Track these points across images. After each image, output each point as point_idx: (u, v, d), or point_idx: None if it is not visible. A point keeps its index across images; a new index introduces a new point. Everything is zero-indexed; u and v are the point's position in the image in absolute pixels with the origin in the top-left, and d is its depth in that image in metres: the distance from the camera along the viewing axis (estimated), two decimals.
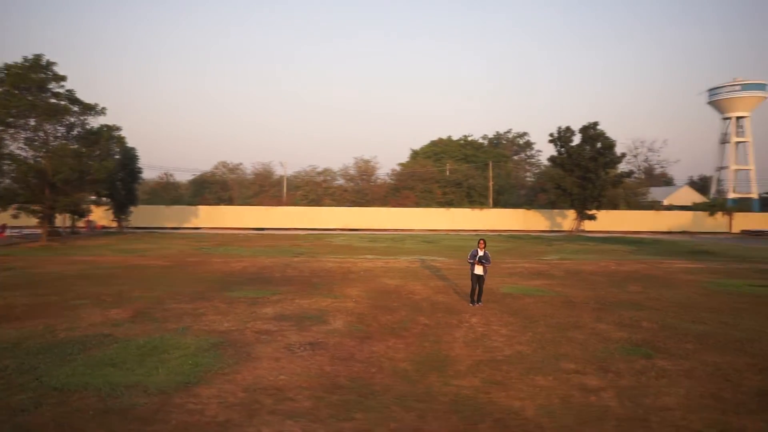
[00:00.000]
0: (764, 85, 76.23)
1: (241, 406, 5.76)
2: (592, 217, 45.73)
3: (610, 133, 44.50)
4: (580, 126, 44.75)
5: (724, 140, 79.30)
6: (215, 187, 61.18)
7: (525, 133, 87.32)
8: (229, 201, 58.92)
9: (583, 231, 47.39)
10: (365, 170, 67.43)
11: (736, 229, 52.99)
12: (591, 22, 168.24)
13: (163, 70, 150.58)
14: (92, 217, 43.43)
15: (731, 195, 73.09)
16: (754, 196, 74.80)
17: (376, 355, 7.84)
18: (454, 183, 60.84)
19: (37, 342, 8.33)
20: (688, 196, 71.17)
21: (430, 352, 8.07)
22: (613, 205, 49.86)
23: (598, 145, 43.33)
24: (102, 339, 8.52)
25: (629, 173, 52.09)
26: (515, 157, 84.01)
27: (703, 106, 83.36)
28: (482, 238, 12.48)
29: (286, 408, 5.71)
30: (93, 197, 39.30)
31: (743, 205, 63.91)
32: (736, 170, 77.42)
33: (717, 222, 53.65)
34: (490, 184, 58.86)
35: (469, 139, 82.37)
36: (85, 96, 32.53)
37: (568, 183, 43.80)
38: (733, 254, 27.46)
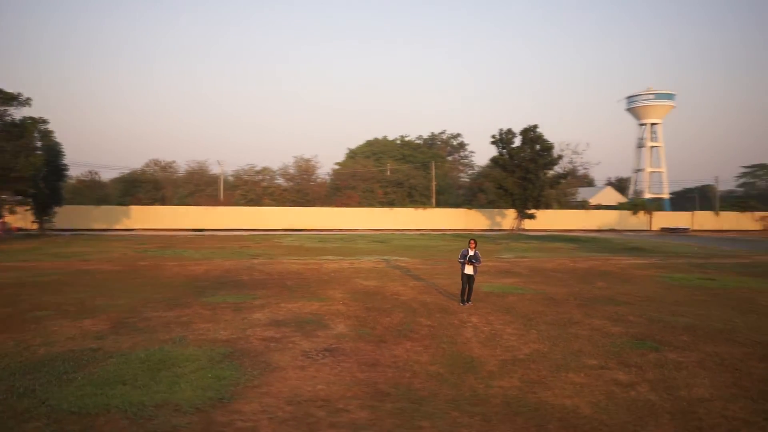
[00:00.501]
0: (673, 95, 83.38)
1: (294, 420, 5.39)
2: (531, 216, 47.72)
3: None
4: (520, 128, 46.65)
5: (640, 144, 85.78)
6: (147, 186, 57.69)
7: (458, 134, 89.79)
8: (162, 201, 55.79)
9: (523, 230, 49.39)
10: (305, 169, 66.29)
11: (655, 226, 57.47)
12: (521, 24, 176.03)
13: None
14: (7, 218, 39.47)
15: (647, 195, 79.14)
16: (666, 196, 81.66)
17: (402, 360, 7.65)
18: (395, 183, 61.28)
19: (16, 360, 7.39)
20: (611, 196, 76.38)
21: (452, 354, 7.99)
22: (547, 205, 52.30)
23: (537, 147, 45.32)
24: (92, 354, 7.71)
25: (566, 174, 54.93)
26: (449, 158, 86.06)
27: (622, 113, 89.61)
28: (473, 238, 12.58)
29: (345, 420, 5.41)
30: (5, 196, 35.69)
31: (657, 204, 69.47)
32: (651, 172, 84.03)
33: (639, 220, 57.90)
34: (433, 183, 59.85)
35: (406, 139, 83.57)
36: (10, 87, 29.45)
37: (510, 183, 45.45)
38: (664, 250, 29.65)
